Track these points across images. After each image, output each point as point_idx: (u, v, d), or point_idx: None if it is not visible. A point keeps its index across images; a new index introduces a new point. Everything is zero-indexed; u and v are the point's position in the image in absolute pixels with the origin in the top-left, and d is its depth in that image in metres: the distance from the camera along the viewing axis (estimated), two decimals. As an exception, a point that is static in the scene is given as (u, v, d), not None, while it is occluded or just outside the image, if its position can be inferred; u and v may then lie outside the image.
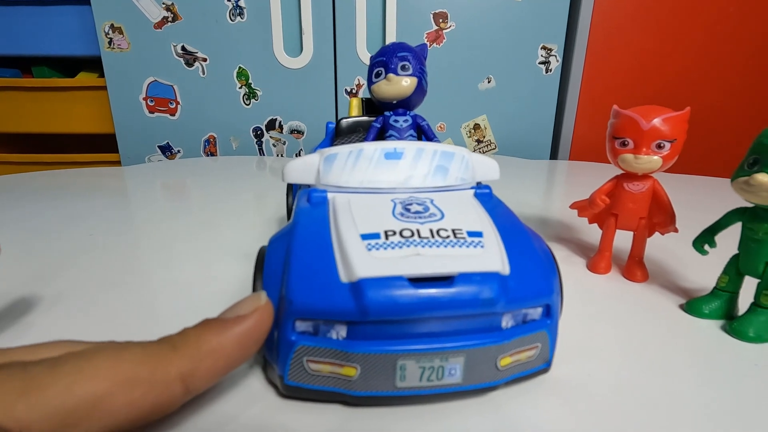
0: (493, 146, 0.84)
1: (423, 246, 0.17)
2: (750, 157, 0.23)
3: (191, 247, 0.36)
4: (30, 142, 0.97)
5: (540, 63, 0.80)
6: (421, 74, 0.30)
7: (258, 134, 0.83)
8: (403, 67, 0.29)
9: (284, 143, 0.83)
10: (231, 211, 0.46)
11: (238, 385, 0.19)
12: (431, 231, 0.18)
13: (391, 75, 0.29)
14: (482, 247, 0.18)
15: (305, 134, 0.83)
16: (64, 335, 0.22)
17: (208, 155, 0.84)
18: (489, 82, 0.81)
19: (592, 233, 0.38)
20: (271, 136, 0.83)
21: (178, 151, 0.84)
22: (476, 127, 0.83)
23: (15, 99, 0.86)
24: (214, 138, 0.83)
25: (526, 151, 0.83)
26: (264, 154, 0.84)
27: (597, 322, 0.25)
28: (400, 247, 0.17)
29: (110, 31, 0.77)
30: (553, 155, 0.85)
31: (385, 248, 0.17)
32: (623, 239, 0.32)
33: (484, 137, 0.84)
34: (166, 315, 0.25)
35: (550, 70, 0.80)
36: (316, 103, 0.81)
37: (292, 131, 0.83)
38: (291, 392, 0.18)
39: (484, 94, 0.81)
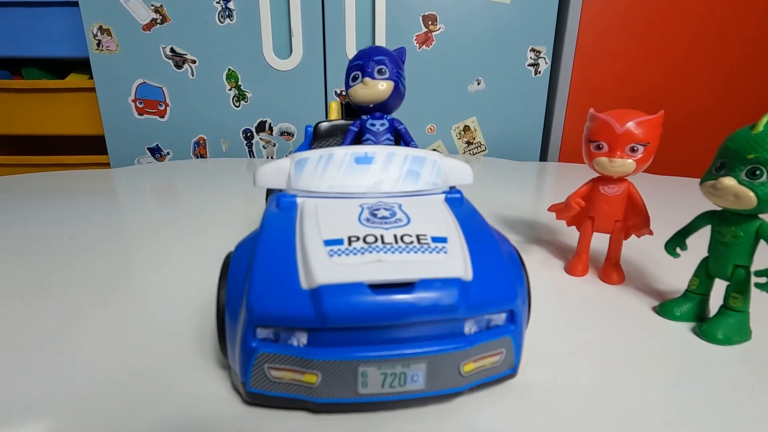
0: (483, 148, 0.85)
1: (386, 252, 0.17)
2: (717, 161, 0.23)
3: (180, 248, 0.36)
4: (19, 143, 0.97)
5: (529, 65, 0.80)
6: (398, 78, 0.30)
7: (248, 136, 0.83)
8: (380, 71, 0.29)
9: (274, 145, 0.83)
10: (220, 213, 0.46)
11: (205, 391, 0.19)
12: (395, 237, 0.18)
13: (367, 79, 0.29)
14: (445, 252, 0.18)
15: (295, 136, 0.83)
16: (51, 332, 0.22)
17: (197, 157, 0.83)
18: (478, 84, 0.81)
19: (573, 235, 0.38)
20: (261, 138, 0.83)
21: (168, 153, 0.83)
22: (466, 128, 0.83)
23: (4, 100, 0.85)
24: (204, 140, 0.83)
25: (516, 153, 0.83)
26: (254, 156, 0.84)
27: (570, 326, 0.25)
28: (363, 253, 0.17)
29: (99, 33, 0.76)
30: (543, 157, 0.86)
31: (348, 254, 0.17)
32: (602, 242, 0.32)
33: (474, 139, 0.84)
34: (134, 321, 0.25)
35: (539, 72, 0.80)
36: (306, 105, 0.81)
37: (282, 133, 0.82)
38: (254, 399, 0.18)
39: (474, 96, 0.82)
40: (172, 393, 0.19)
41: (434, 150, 0.84)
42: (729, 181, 0.21)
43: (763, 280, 0.22)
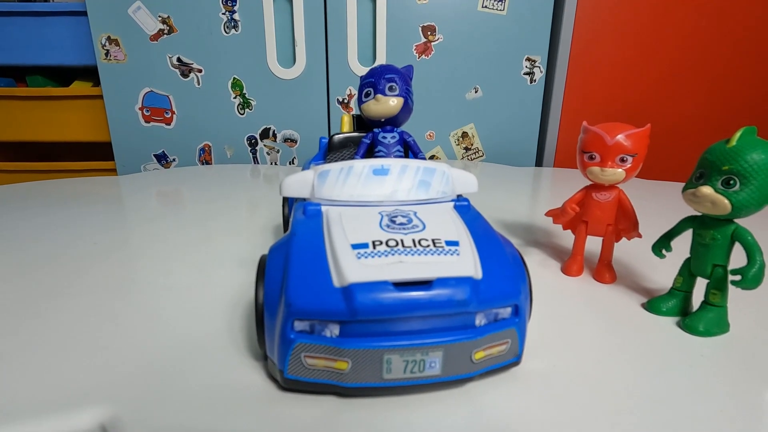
0: (480, 154, 0.87)
1: (406, 254, 0.20)
2: (697, 171, 0.25)
3: (188, 254, 0.38)
4: (25, 150, 0.98)
5: (524, 74, 0.83)
6: (407, 94, 0.32)
7: (252, 143, 0.85)
8: (391, 88, 0.32)
9: (278, 152, 0.85)
10: (226, 218, 0.48)
11: (243, 380, 0.22)
12: (414, 241, 0.21)
13: (379, 95, 0.31)
14: (458, 255, 0.20)
15: (298, 143, 0.85)
16: (91, 329, 0.24)
17: (203, 163, 0.86)
18: (476, 92, 0.84)
19: (568, 238, 0.41)
20: (265, 145, 0.85)
21: (174, 160, 0.85)
22: (464, 135, 0.86)
23: (10, 108, 0.87)
24: (209, 147, 0.85)
25: (513, 159, 0.86)
26: (258, 163, 0.86)
27: (567, 321, 0.28)
28: (386, 256, 0.20)
29: (107, 43, 0.78)
30: (539, 162, 0.89)
31: (373, 257, 0.20)
32: (596, 244, 0.34)
33: (472, 145, 0.87)
34: (166, 319, 0.27)
35: (534, 81, 0.83)
36: (309, 113, 0.83)
37: (285, 140, 0.85)
38: (290, 385, 0.20)
39: (472, 103, 0.84)
40: (213, 381, 0.22)
41: (433, 156, 0.87)
42: (706, 190, 0.24)
43: (737, 277, 0.24)
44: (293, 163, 0.86)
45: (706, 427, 0.19)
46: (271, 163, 0.86)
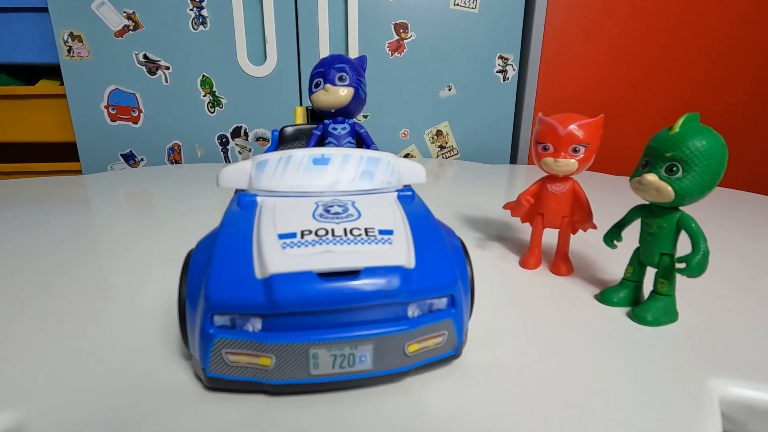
0: (455, 152, 0.87)
1: (335, 243, 0.19)
2: (643, 159, 0.25)
3: (153, 252, 0.36)
4: (-13, 151, 0.95)
5: (497, 72, 0.83)
6: (357, 84, 0.31)
7: (223, 142, 0.83)
8: (341, 78, 0.31)
9: (250, 150, 0.84)
10: (195, 218, 0.46)
11: (168, 380, 0.20)
12: (345, 230, 0.20)
13: (328, 85, 0.30)
14: (390, 243, 0.19)
15: (271, 141, 0.84)
16: (21, 329, 0.23)
17: (172, 163, 0.83)
18: (450, 89, 0.84)
19: (530, 232, 0.40)
20: (236, 144, 0.83)
21: (142, 159, 0.83)
22: (439, 133, 0.86)
23: (-29, 107, 0.83)
24: (179, 146, 0.83)
25: (487, 156, 0.86)
26: (230, 162, 0.84)
27: (518, 314, 0.27)
28: (313, 245, 0.19)
29: (69, 39, 0.76)
30: (513, 160, 0.89)
31: (299, 246, 0.19)
32: (555, 237, 0.34)
33: (446, 143, 0.87)
34: (101, 320, 0.26)
35: (507, 79, 0.83)
36: (281, 111, 0.82)
37: (257, 138, 0.83)
38: (213, 384, 0.19)
39: (445, 101, 0.84)
40: (138, 382, 0.20)
41: (408, 154, 0.86)
42: (651, 177, 0.24)
43: (682, 265, 0.24)
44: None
45: (647, 414, 0.19)
46: (244, 163, 0.84)
